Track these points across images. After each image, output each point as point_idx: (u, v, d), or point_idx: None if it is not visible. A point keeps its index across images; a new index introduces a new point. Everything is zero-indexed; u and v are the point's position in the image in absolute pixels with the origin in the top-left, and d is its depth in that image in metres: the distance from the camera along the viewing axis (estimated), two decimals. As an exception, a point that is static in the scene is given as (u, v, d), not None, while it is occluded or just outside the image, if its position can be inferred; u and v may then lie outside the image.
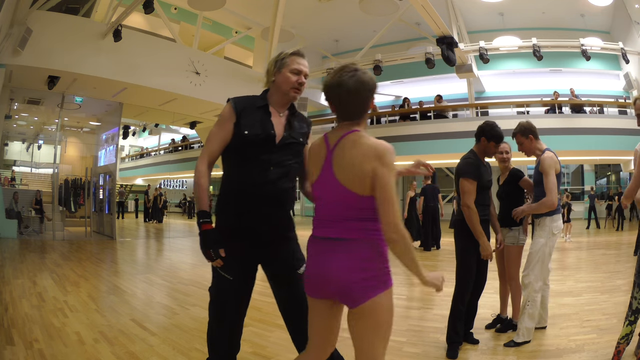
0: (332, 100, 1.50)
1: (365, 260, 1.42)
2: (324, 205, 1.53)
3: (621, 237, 10.82)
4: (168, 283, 5.20)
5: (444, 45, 9.26)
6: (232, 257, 1.83)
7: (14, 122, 12.44)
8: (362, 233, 1.43)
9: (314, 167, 1.56)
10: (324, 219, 1.52)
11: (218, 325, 1.95)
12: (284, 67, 1.88)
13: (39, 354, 2.65)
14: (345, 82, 1.44)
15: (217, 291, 1.92)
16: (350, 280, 1.40)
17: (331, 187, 1.48)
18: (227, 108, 1.89)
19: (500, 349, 2.91)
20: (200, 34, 10.69)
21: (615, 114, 11.77)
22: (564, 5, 11.79)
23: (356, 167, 1.42)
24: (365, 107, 1.49)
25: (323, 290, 1.48)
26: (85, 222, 11.19)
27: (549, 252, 2.96)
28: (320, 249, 1.49)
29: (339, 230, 1.46)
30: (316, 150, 1.57)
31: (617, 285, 4.85)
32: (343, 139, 1.47)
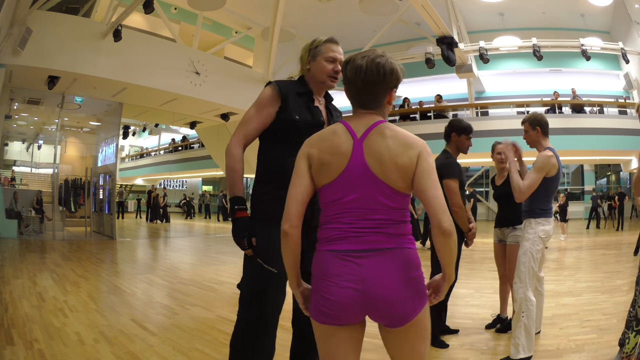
0: (348, 85, 1.32)
1: (410, 270, 1.24)
2: (350, 209, 1.26)
3: (621, 237, 10.81)
4: (168, 283, 5.20)
5: (444, 45, 9.26)
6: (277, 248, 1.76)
7: (14, 122, 12.44)
8: (401, 239, 1.25)
9: (333, 158, 1.27)
10: (351, 227, 1.25)
11: (265, 327, 1.78)
12: (318, 55, 1.84)
13: (39, 354, 2.65)
14: (362, 67, 1.27)
15: (256, 287, 1.76)
16: (399, 299, 1.21)
17: (363, 182, 1.24)
18: (269, 91, 1.80)
19: (500, 349, 2.91)
20: (200, 34, 10.69)
21: (615, 114, 11.77)
22: (564, 5, 11.79)
23: (399, 157, 1.23)
24: (381, 95, 1.30)
25: (354, 315, 1.25)
26: (85, 222, 11.19)
27: (536, 258, 2.71)
28: (349, 265, 1.23)
29: (375, 238, 1.23)
30: (333, 139, 1.29)
31: (617, 285, 4.85)
32: (374, 129, 1.27)
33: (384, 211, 1.25)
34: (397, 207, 1.26)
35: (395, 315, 1.22)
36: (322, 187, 1.30)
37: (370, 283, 1.20)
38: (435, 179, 1.24)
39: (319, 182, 1.30)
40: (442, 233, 1.19)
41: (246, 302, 1.79)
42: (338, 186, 1.27)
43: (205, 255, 8.41)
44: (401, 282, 1.21)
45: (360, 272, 1.21)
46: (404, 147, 1.24)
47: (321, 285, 1.26)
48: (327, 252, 1.27)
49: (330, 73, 1.85)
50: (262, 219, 1.76)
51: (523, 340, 2.60)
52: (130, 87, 9.17)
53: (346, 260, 1.23)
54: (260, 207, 1.80)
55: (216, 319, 3.55)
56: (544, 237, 2.74)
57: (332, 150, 1.27)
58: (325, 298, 1.24)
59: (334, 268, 1.24)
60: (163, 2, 10.22)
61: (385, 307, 1.21)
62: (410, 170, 1.23)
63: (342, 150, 1.26)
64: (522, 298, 2.65)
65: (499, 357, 2.75)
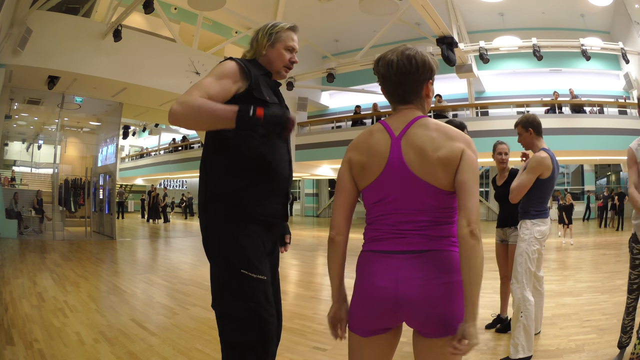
0: (382, 81, 1.29)
1: (446, 274, 1.17)
2: (390, 211, 1.22)
3: (621, 237, 10.81)
4: (168, 283, 5.20)
5: (444, 45, 9.26)
6: (263, 251, 1.59)
7: (14, 122, 12.44)
8: (442, 242, 1.20)
9: (371, 160, 1.23)
10: (393, 229, 1.22)
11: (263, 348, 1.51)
12: (278, 42, 1.68)
13: (39, 354, 2.65)
14: (393, 62, 1.24)
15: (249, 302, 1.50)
16: (431, 302, 1.15)
17: (403, 182, 1.20)
18: (234, 66, 1.55)
19: (500, 349, 2.91)
20: (200, 34, 10.69)
21: (615, 114, 11.76)
22: (564, 5, 11.79)
23: (441, 150, 1.17)
24: (418, 87, 1.26)
25: (388, 316, 1.21)
26: (85, 222, 11.19)
27: (532, 258, 2.69)
28: (387, 265, 1.20)
29: (415, 240, 1.19)
30: (369, 141, 1.25)
31: (617, 285, 4.85)
32: (414, 124, 1.23)
33: (426, 211, 1.20)
34: (441, 206, 1.21)
35: (431, 323, 1.16)
36: (364, 189, 1.27)
37: (404, 284, 1.17)
38: (477, 178, 1.19)
39: (362, 185, 1.27)
40: (474, 236, 1.12)
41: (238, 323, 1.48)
42: (378, 187, 1.24)
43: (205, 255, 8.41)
44: (434, 285, 1.16)
45: (396, 272, 1.18)
46: (447, 139, 1.19)
47: (361, 283, 1.26)
48: (368, 252, 1.27)
49: (287, 63, 1.71)
50: (239, 219, 1.54)
51: (522, 340, 2.59)
52: (130, 87, 9.17)
53: (385, 260, 1.21)
54: (236, 205, 1.54)
55: (216, 319, 3.56)
56: (540, 237, 2.73)
57: (369, 151, 1.24)
58: (364, 295, 1.24)
59: (372, 266, 1.23)
60: (163, 2, 10.22)
61: (418, 313, 1.17)
62: (454, 164, 1.17)
63: (379, 150, 1.23)
64: (519, 298, 2.65)
65: (499, 357, 2.75)
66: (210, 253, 1.61)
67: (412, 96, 1.27)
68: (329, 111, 17.15)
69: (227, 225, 1.55)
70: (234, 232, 1.54)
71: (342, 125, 14.45)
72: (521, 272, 2.68)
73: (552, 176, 2.74)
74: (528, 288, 2.67)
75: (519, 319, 2.63)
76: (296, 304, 4.29)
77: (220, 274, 1.56)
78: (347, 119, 14.34)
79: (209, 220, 1.59)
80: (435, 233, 1.20)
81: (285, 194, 1.70)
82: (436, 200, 1.20)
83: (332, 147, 13.55)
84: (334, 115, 15.98)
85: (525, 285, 2.66)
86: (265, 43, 1.67)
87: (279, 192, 1.65)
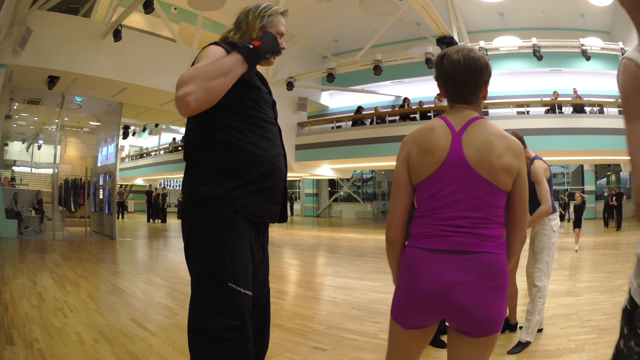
0: (446, 80, 1.31)
1: (493, 278, 1.19)
2: (445, 205, 1.22)
3: (621, 237, 10.81)
4: (168, 283, 5.20)
5: (444, 45, 9.24)
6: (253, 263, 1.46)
7: (14, 122, 12.44)
8: (491, 243, 1.21)
9: (430, 154, 1.24)
10: (443, 224, 1.21)
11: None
12: (270, 26, 1.57)
13: (39, 354, 2.65)
14: (460, 62, 1.26)
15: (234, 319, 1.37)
16: (476, 306, 1.17)
17: (462, 177, 1.21)
18: (221, 51, 1.46)
19: (499, 349, 2.91)
20: (200, 34, 10.68)
21: (615, 114, 11.76)
22: (564, 5, 11.79)
23: (502, 158, 1.20)
24: (478, 88, 1.30)
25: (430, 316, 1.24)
26: (85, 222, 11.19)
27: (554, 249, 3.07)
28: (434, 265, 1.20)
29: (464, 240, 1.19)
30: (429, 135, 1.26)
31: (617, 285, 4.85)
32: (473, 123, 1.25)
33: (482, 208, 1.21)
34: (497, 204, 1.23)
35: (472, 322, 1.18)
36: (419, 183, 1.27)
37: (451, 288, 1.17)
38: (527, 196, 1.27)
39: (417, 179, 1.26)
40: (522, 242, 1.31)
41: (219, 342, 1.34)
42: (435, 181, 1.23)
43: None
44: (481, 289, 1.17)
45: (444, 275, 1.18)
46: (509, 149, 1.22)
47: (407, 282, 1.25)
48: (415, 248, 1.25)
49: None
50: (231, 224, 1.40)
51: (533, 324, 2.88)
52: (130, 87, 9.17)
53: (432, 261, 1.21)
54: (228, 208, 1.40)
55: (216, 319, 3.56)
56: (556, 229, 3.10)
57: (430, 144, 1.24)
58: (405, 295, 1.25)
59: (420, 266, 1.22)
60: (163, 2, 10.22)
61: (463, 314, 1.18)
62: (512, 174, 1.22)
63: (440, 143, 1.23)
64: (542, 286, 2.96)
65: (498, 357, 2.75)
66: (194, 262, 1.44)
67: (472, 96, 1.30)
68: (329, 111, 17.15)
69: (216, 232, 1.39)
70: (224, 241, 1.39)
71: (342, 125, 14.45)
72: (549, 262, 3.02)
73: (550, 177, 3.08)
74: (548, 277, 3.04)
75: (537, 304, 2.92)
76: (296, 304, 4.29)
77: (204, 285, 1.39)
78: (347, 119, 14.34)
79: (195, 226, 1.42)
80: (486, 232, 1.21)
81: (283, 191, 1.57)
82: (493, 197, 1.22)
83: (332, 147, 13.55)
84: (334, 115, 15.97)
85: (547, 274, 3.01)
86: (257, 26, 1.55)
87: (276, 189, 1.52)
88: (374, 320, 3.64)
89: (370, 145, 12.86)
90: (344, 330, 3.35)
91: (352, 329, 3.38)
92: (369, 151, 12.89)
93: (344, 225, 17.21)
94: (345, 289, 4.99)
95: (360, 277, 5.62)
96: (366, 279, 5.60)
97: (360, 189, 22.61)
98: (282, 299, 4.45)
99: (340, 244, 10.40)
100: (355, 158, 13.54)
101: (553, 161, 13.83)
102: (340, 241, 10.96)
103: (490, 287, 1.17)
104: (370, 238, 11.59)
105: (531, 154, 3.12)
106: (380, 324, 3.49)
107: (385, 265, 1.49)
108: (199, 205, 1.41)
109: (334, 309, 4.08)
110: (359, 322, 3.59)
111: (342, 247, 9.76)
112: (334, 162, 15.19)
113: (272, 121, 1.56)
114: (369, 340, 3.13)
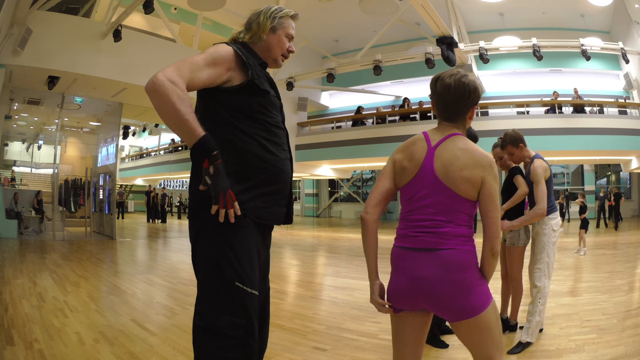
0: (437, 100, 1.49)
1: (456, 271, 1.36)
2: (416, 208, 1.43)
3: (620, 237, 10.81)
4: (168, 283, 5.20)
5: (444, 45, 9.25)
6: (258, 263, 1.50)
7: (14, 122, 12.44)
8: (455, 241, 1.38)
9: (409, 163, 1.45)
10: (414, 226, 1.42)
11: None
12: (281, 28, 1.59)
13: (39, 354, 2.65)
14: (450, 85, 1.43)
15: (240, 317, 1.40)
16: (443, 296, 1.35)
17: (430, 185, 1.41)
18: (230, 52, 1.45)
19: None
20: (200, 34, 10.69)
21: (615, 114, 11.76)
22: (564, 5, 11.79)
23: (464, 171, 1.38)
24: (465, 111, 1.47)
25: (411, 303, 1.43)
26: (85, 222, 11.19)
27: (554, 248, 3.03)
28: (407, 261, 1.42)
29: (430, 239, 1.38)
30: (411, 147, 1.47)
31: (617, 285, 4.85)
32: (448, 139, 1.44)
33: (445, 212, 1.39)
34: (460, 210, 1.40)
35: (444, 311, 1.38)
36: (401, 187, 1.49)
37: (419, 279, 1.37)
38: (497, 202, 1.40)
39: (401, 183, 1.48)
40: (492, 255, 1.39)
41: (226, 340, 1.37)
42: (412, 186, 1.45)
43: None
44: (445, 281, 1.34)
45: (413, 270, 1.39)
46: (472, 162, 1.39)
47: (392, 274, 1.48)
48: (396, 247, 1.48)
49: (285, 51, 1.63)
50: (238, 225, 1.40)
51: (534, 324, 2.86)
52: (130, 87, 9.17)
53: (405, 258, 1.43)
54: (240, 207, 1.41)
55: (216, 319, 3.55)
56: (556, 228, 3.05)
57: (410, 155, 1.46)
58: (391, 286, 1.47)
59: (397, 262, 1.46)
60: (163, 2, 10.22)
61: (433, 302, 1.37)
62: (475, 185, 1.39)
63: (417, 156, 1.45)
64: (542, 287, 2.92)
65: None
66: (201, 262, 1.45)
67: (458, 116, 1.48)
68: (329, 111, 17.16)
69: (224, 233, 1.40)
70: (231, 241, 1.41)
71: (342, 125, 14.45)
72: (547, 262, 2.98)
73: (551, 176, 3.02)
74: (549, 278, 3.00)
75: (537, 304, 2.89)
76: (296, 304, 4.29)
77: (210, 285, 1.41)
78: (347, 119, 14.34)
79: (202, 225, 1.44)
80: (447, 230, 1.38)
81: (289, 194, 1.60)
82: (454, 203, 1.39)
83: (332, 147, 13.55)
84: (334, 115, 15.98)
85: (548, 274, 2.97)
86: (268, 27, 1.57)
87: (283, 192, 1.55)
88: (374, 320, 3.64)
89: (370, 145, 12.86)
90: (344, 330, 3.35)
91: (352, 329, 3.38)
92: (369, 151, 12.89)
93: (344, 225, 17.22)
94: (345, 289, 4.99)
95: (360, 277, 5.61)
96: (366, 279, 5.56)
97: (360, 189, 22.61)
98: (282, 299, 4.45)
99: (340, 244, 10.40)
100: (355, 158, 13.55)
101: (553, 161, 13.83)
102: (340, 241, 10.96)
103: (453, 280, 1.35)
104: (370, 238, 11.52)
105: (531, 153, 3.08)
106: (380, 324, 3.49)
107: (386, 265, 1.54)
108: (207, 206, 1.40)
109: (334, 309, 4.08)
110: (359, 322, 3.59)
111: (342, 247, 9.77)
112: (334, 162, 15.19)
113: (279, 125, 1.57)
114: (369, 340, 3.13)
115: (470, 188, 1.38)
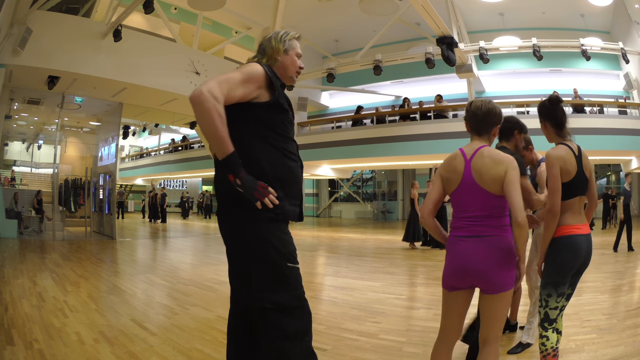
0: (470, 117, 1.93)
1: (502, 252, 1.76)
2: (464, 207, 1.86)
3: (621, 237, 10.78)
4: (168, 283, 5.20)
5: (444, 45, 9.25)
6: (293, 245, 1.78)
7: (14, 122, 12.44)
8: (498, 229, 1.79)
9: (453, 175, 1.88)
10: (465, 220, 1.84)
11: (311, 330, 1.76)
12: (291, 49, 1.82)
13: (39, 354, 2.65)
14: (482, 106, 1.91)
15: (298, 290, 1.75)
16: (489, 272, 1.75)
17: (471, 189, 1.84)
18: (262, 72, 1.67)
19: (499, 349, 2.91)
20: (200, 34, 10.69)
21: (615, 114, 11.76)
22: (564, 5, 11.79)
23: (491, 171, 1.80)
24: (491, 127, 1.92)
25: (462, 280, 1.82)
26: (85, 222, 11.19)
27: None
28: (460, 245, 1.82)
29: (478, 229, 1.79)
30: (452, 162, 1.90)
31: (617, 285, 4.85)
32: (479, 151, 1.86)
33: (485, 208, 1.82)
34: (497, 205, 1.81)
35: (488, 283, 1.76)
36: (451, 192, 1.92)
37: (469, 259, 1.78)
38: (518, 187, 1.76)
39: (449, 190, 1.92)
40: (517, 225, 1.73)
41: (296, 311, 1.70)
42: (458, 193, 1.89)
43: (205, 255, 8.41)
44: (492, 260, 1.75)
45: (466, 252, 1.80)
46: (495, 163, 1.81)
47: (447, 258, 1.89)
48: (452, 236, 1.89)
49: (298, 69, 1.87)
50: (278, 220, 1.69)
51: (535, 326, 2.86)
52: (130, 87, 9.18)
53: (459, 243, 1.83)
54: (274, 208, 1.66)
55: (216, 319, 3.55)
56: None
57: (452, 169, 1.90)
58: (446, 268, 1.87)
59: (453, 247, 1.87)
60: (163, 2, 10.23)
61: (479, 276, 1.77)
62: (500, 180, 1.79)
63: (458, 168, 1.88)
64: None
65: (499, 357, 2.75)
66: (254, 253, 1.66)
67: (485, 130, 1.93)
68: (329, 111, 17.16)
69: (269, 225, 1.67)
70: (275, 231, 1.68)
71: (342, 125, 14.44)
72: None
73: None
74: None
75: (537, 306, 2.80)
76: (296, 304, 4.28)
77: (271, 270, 1.67)
78: (347, 119, 14.33)
79: (247, 222, 1.65)
80: (493, 223, 1.80)
81: (301, 197, 1.87)
82: (493, 201, 1.81)
83: (332, 147, 13.54)
84: (334, 115, 15.98)
85: None
86: (282, 49, 1.79)
87: (298, 194, 1.83)
88: (374, 320, 3.64)
89: (370, 145, 12.85)
90: (344, 330, 3.35)
91: (352, 329, 3.38)
92: (369, 151, 12.89)
93: (344, 225, 17.22)
94: (345, 289, 4.99)
95: (360, 277, 5.62)
96: (366, 279, 5.60)
97: (360, 189, 22.62)
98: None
99: (340, 244, 10.40)
100: (355, 158, 13.54)
101: (553, 161, 13.78)
102: (340, 241, 10.96)
103: (497, 258, 1.76)
104: (370, 238, 11.60)
105: (539, 156, 3.03)
106: (380, 324, 3.50)
107: (385, 265, 1.56)
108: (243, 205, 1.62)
109: (334, 309, 4.08)
110: (359, 322, 3.59)
111: (342, 247, 9.76)
112: (334, 162, 15.18)
113: (293, 138, 1.84)
114: (369, 340, 3.13)
115: (497, 185, 1.78)
